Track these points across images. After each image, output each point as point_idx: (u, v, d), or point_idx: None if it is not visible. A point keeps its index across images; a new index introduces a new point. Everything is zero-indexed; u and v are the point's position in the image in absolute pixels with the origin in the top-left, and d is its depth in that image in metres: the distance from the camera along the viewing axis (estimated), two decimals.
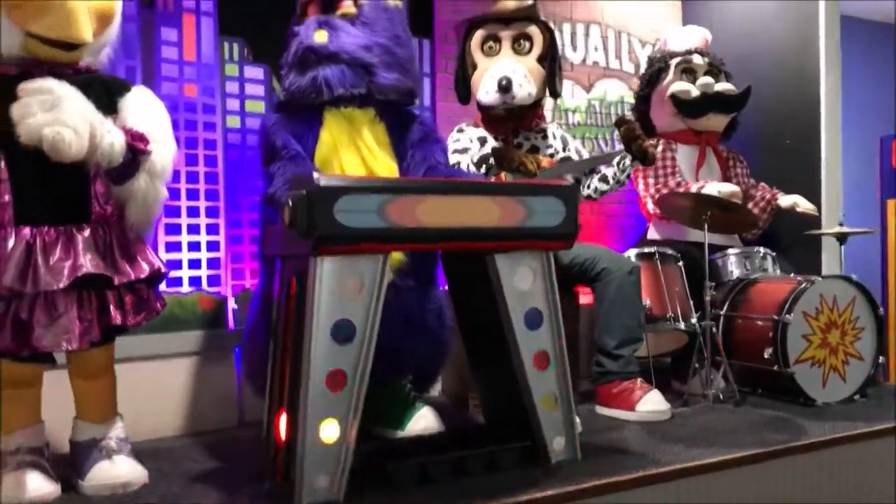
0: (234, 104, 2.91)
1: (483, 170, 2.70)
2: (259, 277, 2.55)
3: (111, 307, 1.99)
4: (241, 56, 2.92)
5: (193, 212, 2.81)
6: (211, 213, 2.84)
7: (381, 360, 2.00)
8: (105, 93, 2.04)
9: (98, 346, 2.02)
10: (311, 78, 2.39)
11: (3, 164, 1.90)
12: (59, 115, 1.79)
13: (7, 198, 1.90)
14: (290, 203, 1.89)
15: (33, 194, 1.93)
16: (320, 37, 2.41)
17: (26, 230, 1.91)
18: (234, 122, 2.91)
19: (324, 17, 2.46)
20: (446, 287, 2.46)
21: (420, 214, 1.97)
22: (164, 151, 2.07)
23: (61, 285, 1.88)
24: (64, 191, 1.97)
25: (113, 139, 1.91)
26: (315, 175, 1.88)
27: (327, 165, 2.42)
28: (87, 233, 1.98)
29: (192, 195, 2.80)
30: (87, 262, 1.93)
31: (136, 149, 1.97)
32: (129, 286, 2.04)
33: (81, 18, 1.94)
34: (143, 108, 2.09)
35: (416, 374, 2.61)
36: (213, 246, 2.85)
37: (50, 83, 1.84)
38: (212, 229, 2.85)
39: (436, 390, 2.97)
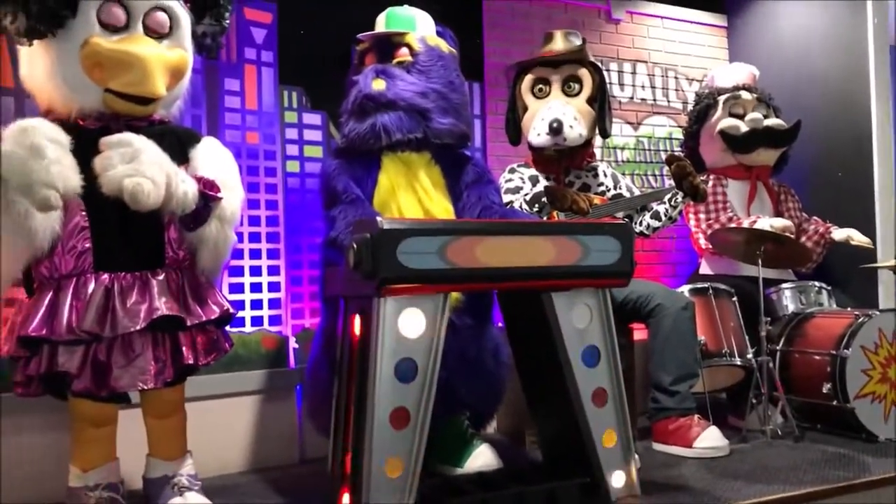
0: (293, 150, 3.02)
1: (536, 209, 2.75)
2: (320, 317, 2.62)
3: (184, 348, 2.08)
4: (300, 104, 3.03)
5: (255, 254, 2.90)
6: (272, 254, 2.94)
7: (438, 398, 2.04)
8: (178, 143, 2.15)
9: (171, 385, 2.11)
10: (370, 124, 2.48)
11: (84, 213, 2.01)
12: (138, 167, 1.89)
13: (88, 245, 2.00)
14: (355, 246, 1.96)
15: (112, 242, 2.03)
16: (378, 85, 2.50)
17: (105, 276, 2.01)
18: (293, 166, 3.02)
19: (381, 66, 2.55)
20: (502, 325, 2.51)
21: (479, 255, 2.02)
22: (233, 198, 2.18)
23: (138, 327, 1.97)
24: (140, 238, 2.07)
25: (187, 188, 2.01)
26: (378, 218, 1.95)
27: (386, 208, 2.50)
28: (161, 277, 2.07)
29: (254, 238, 2.90)
30: (162, 305, 2.02)
31: (208, 196, 2.07)
32: (200, 327, 2.12)
33: (156, 74, 2.06)
34: (213, 157, 2.20)
35: (473, 411, 2.64)
36: (274, 287, 2.94)
37: (129, 137, 1.95)
38: (273, 270, 2.94)
39: (492, 427, 3.00)
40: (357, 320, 2.10)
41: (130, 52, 2.03)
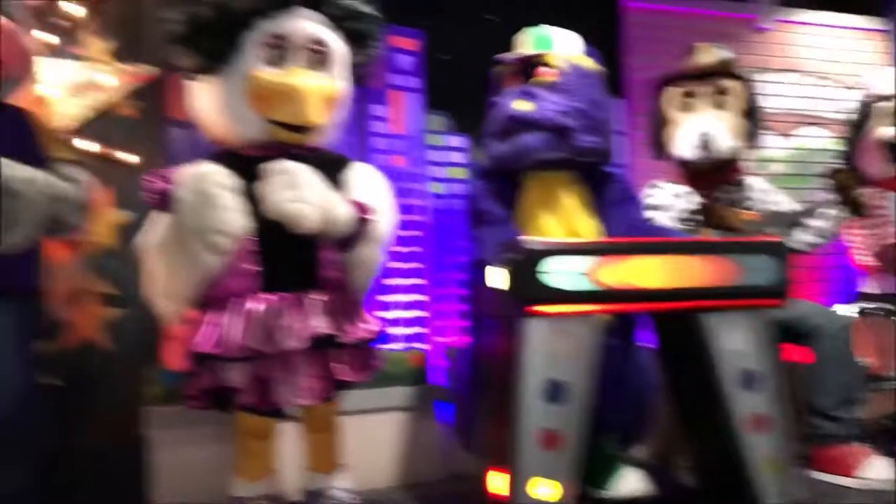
0: (438, 172, 3.10)
1: (685, 226, 2.68)
2: (467, 336, 2.65)
3: (339, 365, 2.16)
4: (445, 127, 3.11)
5: (402, 273, 2.99)
6: (418, 274, 3.01)
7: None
8: (333, 169, 2.25)
9: (327, 401, 2.20)
10: (514, 145, 2.49)
11: (251, 237, 2.12)
12: (299, 193, 2.01)
13: (254, 267, 2.12)
14: (500, 266, 1.99)
15: (274, 263, 2.14)
16: (521, 105, 2.51)
17: (268, 296, 2.12)
18: (438, 188, 3.09)
19: (523, 87, 2.56)
20: (648, 345, 2.46)
21: (627, 275, 2.00)
22: (384, 221, 2.26)
23: (298, 345, 2.07)
24: (299, 260, 2.17)
25: (342, 211, 2.11)
26: (523, 239, 1.97)
27: (530, 228, 2.50)
28: (317, 297, 2.17)
29: (401, 258, 2.98)
30: (319, 324, 2.11)
31: (362, 219, 2.16)
32: (353, 345, 2.20)
33: (314, 104, 2.17)
34: (366, 181, 2.29)
35: (619, 433, 2.59)
36: (420, 305, 3.01)
37: (290, 164, 2.06)
38: (419, 290, 3.01)
39: (640, 450, 2.93)
40: (504, 340, 2.11)
41: (290, 84, 2.15)
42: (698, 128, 2.90)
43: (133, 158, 2.55)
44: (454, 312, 3.05)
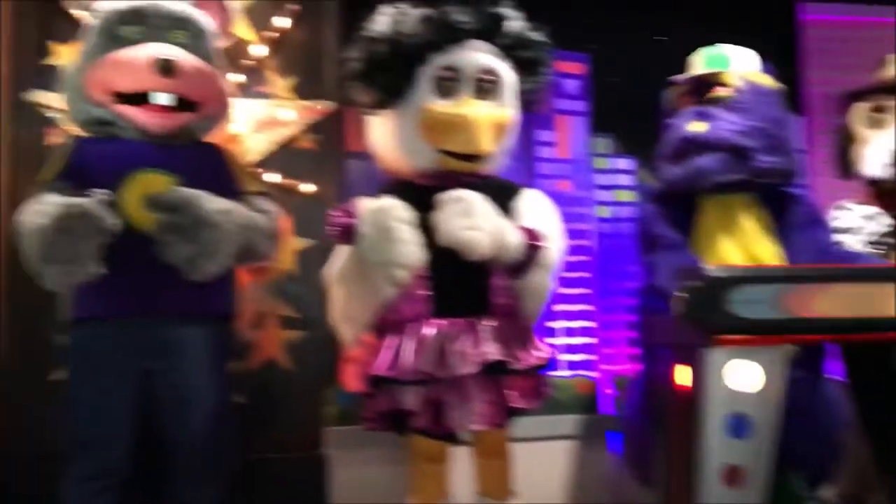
0: (604, 195, 3.06)
1: (877, 251, 2.50)
2: (640, 365, 2.59)
3: (511, 391, 2.16)
4: (611, 150, 3.06)
5: (570, 299, 2.96)
6: (585, 300, 2.97)
7: None
8: (503, 196, 2.26)
9: (499, 427, 2.20)
10: (690, 167, 2.41)
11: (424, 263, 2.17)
12: (472, 221, 2.04)
13: (427, 292, 2.16)
14: (682, 294, 1.92)
15: (447, 289, 2.17)
16: (697, 126, 2.43)
17: (440, 321, 2.15)
18: (604, 212, 3.05)
19: (699, 107, 2.49)
20: (837, 376, 2.30)
21: (819, 304, 1.87)
22: (555, 247, 2.25)
23: (471, 370, 2.08)
24: (470, 285, 2.19)
25: (514, 238, 2.12)
26: (706, 266, 1.90)
27: (708, 253, 2.41)
28: (488, 323, 2.18)
29: (569, 283, 2.96)
30: (491, 350, 2.12)
31: (532, 246, 2.16)
32: (524, 372, 2.20)
33: (485, 134, 2.20)
34: (536, 208, 2.29)
35: (806, 470, 2.44)
36: (587, 332, 2.97)
37: (463, 193, 2.10)
38: (586, 315, 2.97)
39: (829, 489, 2.74)
40: (683, 370, 2.04)
41: (461, 115, 2.18)
42: (890, 144, 2.70)
43: (311, 188, 2.67)
44: (623, 339, 2.98)
